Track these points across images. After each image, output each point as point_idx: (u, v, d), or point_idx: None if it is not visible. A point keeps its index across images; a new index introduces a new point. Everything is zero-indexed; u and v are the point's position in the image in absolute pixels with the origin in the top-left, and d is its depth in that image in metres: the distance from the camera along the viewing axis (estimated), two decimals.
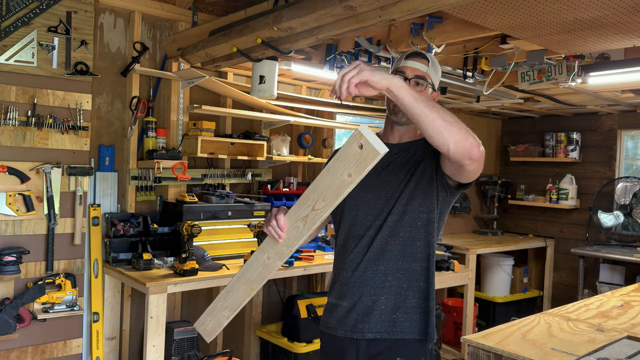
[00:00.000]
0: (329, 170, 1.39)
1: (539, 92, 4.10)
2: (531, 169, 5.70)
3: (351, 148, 1.33)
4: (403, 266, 1.71)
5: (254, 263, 1.56)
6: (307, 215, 1.44)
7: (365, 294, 1.71)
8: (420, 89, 1.72)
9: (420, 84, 1.73)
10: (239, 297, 1.62)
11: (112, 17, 3.17)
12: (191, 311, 3.59)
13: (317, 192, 1.41)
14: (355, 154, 1.33)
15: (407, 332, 1.70)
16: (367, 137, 1.30)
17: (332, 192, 1.39)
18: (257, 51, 2.73)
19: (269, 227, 1.51)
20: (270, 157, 3.67)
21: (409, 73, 1.73)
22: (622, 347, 1.89)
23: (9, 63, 2.71)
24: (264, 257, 1.55)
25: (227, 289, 1.63)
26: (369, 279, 1.71)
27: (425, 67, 1.74)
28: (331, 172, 1.38)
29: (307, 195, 1.43)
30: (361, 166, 1.33)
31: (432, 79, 1.76)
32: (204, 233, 3.05)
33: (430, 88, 1.76)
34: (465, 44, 2.97)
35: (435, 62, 1.78)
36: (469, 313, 4.44)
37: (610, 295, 2.72)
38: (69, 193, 2.94)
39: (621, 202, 4.78)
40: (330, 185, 1.38)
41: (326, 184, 1.39)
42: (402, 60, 1.77)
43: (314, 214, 1.43)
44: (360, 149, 1.32)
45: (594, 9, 2.07)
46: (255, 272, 1.57)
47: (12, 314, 2.68)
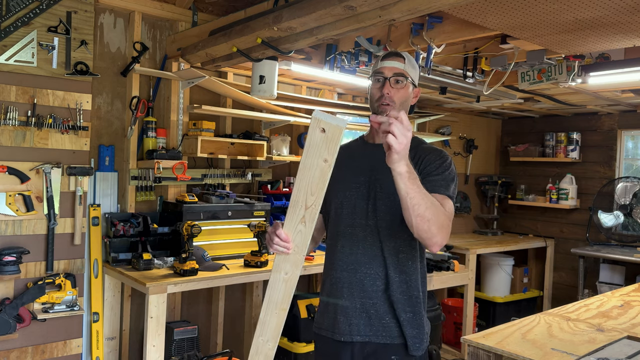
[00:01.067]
0: (304, 167, 1.40)
1: (539, 92, 4.10)
2: (531, 169, 5.70)
3: (315, 135, 1.36)
4: (395, 269, 1.71)
5: (275, 284, 1.55)
6: (304, 216, 1.45)
7: (355, 296, 1.73)
8: (400, 87, 1.74)
9: (399, 81, 1.74)
10: (276, 324, 1.60)
11: (112, 17, 3.17)
12: (191, 311, 3.59)
13: (302, 191, 1.43)
14: (322, 139, 1.36)
15: (397, 336, 1.70)
16: (325, 120, 1.34)
17: (315, 182, 1.41)
18: (257, 51, 2.73)
19: (274, 246, 1.51)
20: (270, 157, 3.67)
21: (387, 72, 1.75)
22: (622, 347, 1.89)
23: (9, 63, 2.71)
24: (282, 274, 1.54)
25: (261, 322, 1.60)
26: (358, 281, 1.72)
27: (402, 64, 1.76)
28: (307, 166, 1.40)
29: (294, 199, 1.44)
30: (332, 147, 1.37)
31: (411, 75, 1.78)
32: (204, 233, 3.05)
33: (411, 85, 1.78)
34: (465, 44, 2.97)
35: (411, 60, 1.80)
36: (469, 313, 4.44)
37: (610, 295, 2.72)
38: (69, 193, 2.94)
39: (621, 202, 4.78)
40: (312, 178, 1.41)
41: (307, 179, 1.41)
42: (378, 62, 1.80)
43: (309, 211, 1.44)
44: (324, 132, 1.35)
45: (594, 9, 2.07)
46: (280, 292, 1.55)
47: (12, 314, 2.68)
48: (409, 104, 1.80)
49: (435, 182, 1.67)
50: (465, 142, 5.61)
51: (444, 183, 1.69)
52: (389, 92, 1.73)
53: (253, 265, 3.12)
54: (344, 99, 4.50)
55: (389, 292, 1.71)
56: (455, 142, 5.50)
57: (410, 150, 1.67)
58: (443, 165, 1.72)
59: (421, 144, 1.82)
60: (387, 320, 1.71)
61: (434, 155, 1.74)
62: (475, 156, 5.70)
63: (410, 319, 1.71)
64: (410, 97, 1.80)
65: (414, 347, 1.70)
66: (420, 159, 1.72)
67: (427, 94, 4.31)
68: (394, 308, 1.71)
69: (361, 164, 1.79)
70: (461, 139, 5.56)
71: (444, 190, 1.69)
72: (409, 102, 1.80)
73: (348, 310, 1.73)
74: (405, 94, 1.77)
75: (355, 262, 1.73)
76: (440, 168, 1.71)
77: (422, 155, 1.73)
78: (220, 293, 3.68)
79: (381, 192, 1.71)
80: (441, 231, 1.57)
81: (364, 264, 1.73)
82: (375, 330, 1.71)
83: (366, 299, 1.72)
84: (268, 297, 1.56)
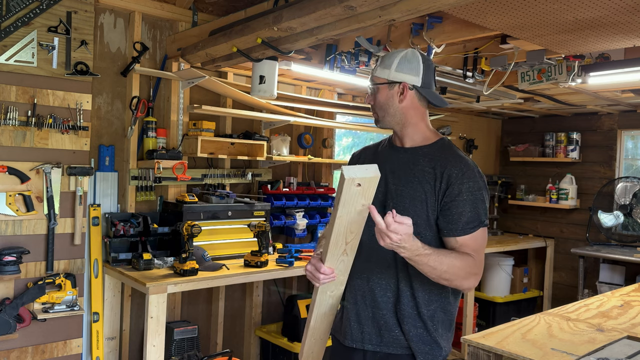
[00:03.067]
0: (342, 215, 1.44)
1: (539, 92, 4.10)
2: (531, 169, 5.70)
3: (351, 190, 1.39)
4: (406, 283, 1.67)
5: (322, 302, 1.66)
6: (345, 249, 1.54)
7: (368, 305, 1.71)
8: (375, 93, 1.76)
9: (371, 89, 1.77)
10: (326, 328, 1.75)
11: (112, 17, 3.17)
12: (191, 311, 3.59)
13: (342, 232, 1.48)
14: (359, 191, 1.40)
15: (407, 347, 1.67)
16: (359, 176, 1.37)
17: (354, 223, 1.48)
18: (257, 51, 2.73)
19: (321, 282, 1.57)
20: (270, 157, 3.67)
21: (369, 90, 1.79)
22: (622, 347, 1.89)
23: (9, 63, 2.71)
24: (328, 294, 1.65)
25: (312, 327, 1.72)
26: (370, 290, 1.70)
27: (375, 71, 1.77)
28: (345, 214, 1.43)
29: (335, 240, 1.49)
30: (368, 194, 1.42)
31: (380, 74, 1.74)
32: (204, 233, 3.05)
33: (385, 87, 1.73)
34: (465, 44, 2.97)
35: (386, 57, 1.76)
36: (469, 313, 4.44)
37: (610, 295, 2.72)
38: (69, 193, 2.94)
39: (621, 202, 4.78)
40: (351, 221, 1.46)
41: (346, 222, 1.46)
42: None
43: (350, 245, 1.53)
44: (359, 187, 1.39)
45: (594, 9, 2.07)
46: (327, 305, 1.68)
47: (12, 314, 2.68)
48: (390, 104, 1.73)
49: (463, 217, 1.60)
50: (465, 142, 5.61)
51: (473, 215, 1.61)
52: (370, 102, 1.78)
53: (253, 265, 3.12)
54: (344, 99, 4.50)
55: (398, 306, 1.67)
56: (455, 142, 5.49)
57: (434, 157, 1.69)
58: (471, 188, 1.62)
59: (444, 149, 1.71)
60: (397, 333, 1.68)
61: (458, 172, 1.62)
62: (475, 156, 5.70)
63: (421, 335, 1.66)
64: (390, 97, 1.73)
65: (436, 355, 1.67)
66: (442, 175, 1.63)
67: None
68: (402, 322, 1.66)
69: (384, 169, 1.67)
70: (461, 139, 5.56)
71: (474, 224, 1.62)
72: (390, 102, 1.73)
73: (361, 318, 1.72)
74: (381, 99, 1.75)
75: (369, 270, 1.71)
76: (468, 192, 1.61)
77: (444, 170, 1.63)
78: (220, 293, 3.68)
79: (397, 201, 1.67)
80: (468, 279, 1.60)
81: (377, 273, 1.70)
82: (385, 341, 1.69)
83: (376, 309, 1.69)
84: (316, 312, 1.67)
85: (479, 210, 1.63)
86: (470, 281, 1.60)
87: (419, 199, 1.64)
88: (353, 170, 1.37)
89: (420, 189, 1.65)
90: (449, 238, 1.63)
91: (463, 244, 1.61)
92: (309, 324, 1.69)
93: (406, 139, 1.77)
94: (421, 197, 1.64)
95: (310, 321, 1.68)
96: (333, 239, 1.48)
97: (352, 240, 1.51)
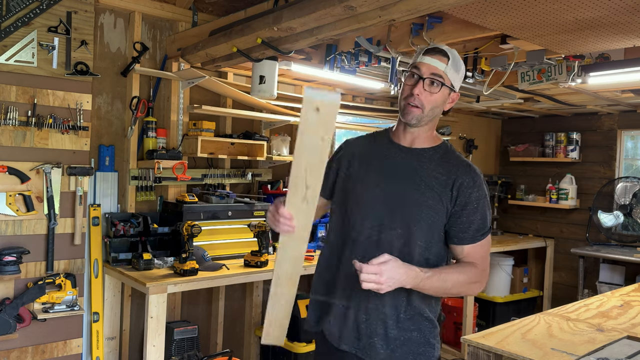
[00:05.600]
0: (301, 148, 1.36)
1: (539, 92, 4.10)
2: (531, 169, 5.70)
3: (310, 116, 1.31)
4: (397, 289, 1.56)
5: (283, 261, 1.54)
6: (305, 195, 1.44)
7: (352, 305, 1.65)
8: (434, 90, 1.61)
9: (435, 83, 1.61)
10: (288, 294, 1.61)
11: (112, 17, 3.17)
12: (191, 311, 3.59)
13: (301, 172, 1.40)
14: (317, 118, 1.31)
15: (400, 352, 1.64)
16: (318, 98, 1.29)
17: (315, 161, 1.38)
18: (257, 51, 2.73)
19: (279, 225, 1.46)
20: (270, 157, 3.67)
21: (424, 71, 1.61)
22: (622, 347, 1.89)
23: (9, 63, 2.71)
24: (289, 252, 1.54)
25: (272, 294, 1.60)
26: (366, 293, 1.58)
27: (444, 65, 1.61)
28: (304, 147, 1.35)
29: (294, 181, 1.42)
30: (328, 124, 1.33)
31: (451, 78, 1.63)
32: (204, 233, 3.04)
33: (448, 89, 1.64)
34: (465, 44, 2.96)
35: (457, 60, 1.65)
36: (469, 313, 4.44)
37: (610, 295, 2.72)
38: (69, 193, 2.94)
39: (621, 202, 4.78)
40: (311, 156, 1.37)
41: (306, 157, 1.37)
42: (420, 55, 1.65)
43: (310, 191, 1.43)
44: (318, 112, 1.30)
45: (594, 9, 2.07)
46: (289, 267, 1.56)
47: (12, 314, 2.68)
48: (440, 109, 1.66)
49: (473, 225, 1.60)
50: (465, 142, 5.61)
51: (482, 223, 1.61)
52: (419, 94, 1.60)
53: (253, 265, 3.12)
54: (344, 99, 4.50)
55: (397, 308, 1.62)
56: (455, 142, 5.50)
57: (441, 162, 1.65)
58: (480, 197, 1.61)
59: (449, 154, 1.68)
60: (391, 337, 1.62)
61: (469, 180, 1.61)
62: (475, 156, 5.70)
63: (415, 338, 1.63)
64: (444, 102, 1.65)
65: None
66: (454, 182, 1.60)
67: None
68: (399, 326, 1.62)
69: (384, 168, 1.68)
70: (461, 139, 5.56)
71: (482, 232, 1.62)
72: (441, 107, 1.66)
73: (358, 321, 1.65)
74: (437, 99, 1.63)
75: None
76: (477, 201, 1.60)
77: (457, 178, 1.61)
78: (220, 293, 3.68)
79: (401, 209, 1.61)
80: (473, 289, 1.62)
81: None
82: (378, 345, 1.62)
83: (373, 313, 1.63)
84: (277, 273, 1.56)
85: (487, 217, 1.63)
86: (476, 289, 1.63)
87: (426, 204, 1.60)
88: (314, 92, 1.29)
89: (428, 194, 1.60)
90: (456, 246, 1.62)
91: (470, 253, 1.61)
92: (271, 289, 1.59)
93: (418, 140, 1.69)
94: (429, 204, 1.59)
95: (271, 286, 1.58)
96: (292, 178, 1.41)
97: (312, 184, 1.41)
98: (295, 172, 1.40)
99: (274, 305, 1.61)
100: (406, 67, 1.73)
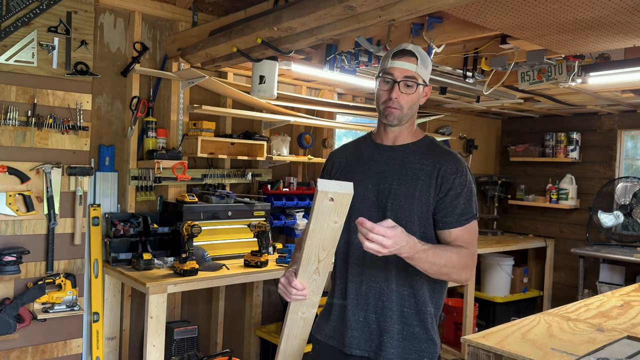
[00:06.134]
0: (314, 229, 1.44)
1: (539, 92, 4.10)
2: (531, 169, 5.70)
3: (324, 204, 1.39)
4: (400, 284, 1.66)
5: (293, 322, 1.65)
6: (318, 267, 1.53)
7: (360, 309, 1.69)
8: (410, 91, 1.66)
9: (410, 85, 1.66)
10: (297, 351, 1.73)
11: (112, 17, 3.17)
12: (191, 311, 3.59)
13: (315, 248, 1.48)
14: (330, 206, 1.40)
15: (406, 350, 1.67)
16: (332, 190, 1.37)
17: (327, 240, 1.47)
18: (257, 51, 2.73)
19: (292, 297, 1.55)
20: (270, 157, 3.67)
21: (397, 75, 1.65)
22: (622, 347, 1.89)
23: (9, 63, 2.71)
24: (299, 314, 1.64)
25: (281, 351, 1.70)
26: (364, 293, 1.68)
27: (414, 66, 1.66)
28: (317, 228, 1.44)
29: (307, 256, 1.50)
30: (341, 211, 1.42)
31: (422, 75, 1.69)
32: (204, 233, 3.04)
33: (422, 86, 1.70)
34: (465, 44, 2.97)
35: (424, 57, 1.70)
36: (469, 313, 4.44)
37: (610, 295, 2.72)
38: (69, 193, 2.94)
39: (621, 202, 4.78)
40: (323, 237, 1.46)
41: (319, 238, 1.46)
42: (388, 59, 1.68)
43: (322, 263, 1.52)
44: (332, 201, 1.39)
45: (594, 9, 2.07)
46: (299, 328, 1.67)
47: (12, 314, 2.68)
48: (417, 105, 1.74)
49: (457, 209, 1.64)
50: (465, 142, 5.61)
51: (466, 207, 1.65)
52: (397, 97, 1.66)
53: (253, 265, 3.12)
54: (344, 99, 4.50)
55: (398, 307, 1.66)
56: (455, 142, 5.50)
57: (425, 154, 1.69)
58: (463, 182, 1.65)
59: (433, 146, 1.74)
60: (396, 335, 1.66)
61: (452, 167, 1.66)
62: (475, 156, 5.70)
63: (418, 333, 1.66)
64: (419, 98, 1.72)
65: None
66: (438, 171, 1.65)
67: None
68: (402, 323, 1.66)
69: (370, 169, 1.73)
70: (461, 139, 5.56)
71: (467, 216, 1.65)
72: (418, 104, 1.73)
73: (360, 323, 1.69)
74: (414, 98, 1.69)
75: (363, 274, 1.69)
76: (461, 186, 1.65)
77: (440, 166, 1.66)
78: (220, 293, 3.68)
79: (392, 199, 1.66)
80: (465, 271, 1.62)
81: (371, 276, 1.68)
82: (386, 344, 1.66)
83: (376, 313, 1.67)
84: (287, 333, 1.66)
85: (472, 202, 1.67)
86: (467, 273, 1.63)
87: (413, 196, 1.65)
88: (327, 184, 1.38)
89: (414, 186, 1.65)
90: (443, 231, 1.66)
91: (457, 236, 1.64)
92: (280, 345, 1.69)
93: (400, 137, 1.74)
94: (416, 194, 1.65)
95: (281, 343, 1.68)
96: (305, 254, 1.49)
97: (324, 258, 1.50)
98: (308, 249, 1.48)
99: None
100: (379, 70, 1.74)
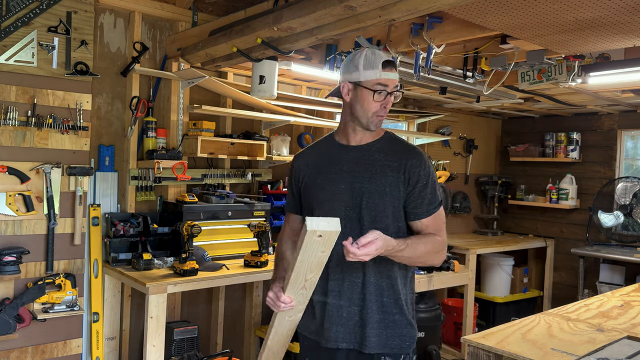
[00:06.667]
0: (303, 259, 1.53)
1: (539, 92, 4.10)
2: (531, 169, 5.70)
3: (312, 240, 1.48)
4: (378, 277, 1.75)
5: (281, 322, 1.75)
6: (305, 285, 1.65)
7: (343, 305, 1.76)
8: (396, 98, 1.78)
9: (396, 93, 1.78)
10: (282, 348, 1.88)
11: (112, 17, 3.17)
12: (191, 311, 3.59)
13: (303, 271, 1.59)
14: (319, 241, 1.48)
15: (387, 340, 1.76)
16: (321, 229, 1.45)
17: (314, 265, 1.58)
18: (257, 51, 2.73)
19: (280, 309, 1.67)
20: (270, 157, 3.67)
21: (390, 86, 1.75)
22: (622, 347, 1.89)
23: (9, 63, 2.71)
24: (286, 317, 1.74)
25: (268, 347, 1.83)
26: (346, 289, 1.76)
27: (397, 74, 1.78)
28: (305, 258, 1.53)
29: (295, 276, 1.60)
30: (328, 244, 1.51)
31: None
32: (204, 233, 3.04)
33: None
34: (465, 44, 2.97)
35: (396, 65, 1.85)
36: (469, 313, 4.44)
37: (610, 295, 2.72)
38: (69, 193, 2.94)
39: (621, 202, 4.78)
40: (311, 263, 1.56)
41: (307, 264, 1.56)
42: (380, 72, 1.73)
43: (309, 282, 1.64)
44: (320, 237, 1.47)
45: (594, 9, 2.07)
46: (285, 327, 1.79)
47: (12, 314, 2.68)
48: None
49: (425, 199, 1.75)
50: (465, 142, 5.61)
51: (432, 197, 1.77)
52: (385, 107, 1.76)
53: (253, 265, 3.12)
54: None
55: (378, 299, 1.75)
56: (455, 142, 5.50)
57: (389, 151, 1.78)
58: (427, 174, 1.76)
59: (395, 142, 1.83)
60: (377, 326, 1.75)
61: (416, 161, 1.75)
62: (475, 156, 5.70)
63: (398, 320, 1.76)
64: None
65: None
66: (405, 166, 1.74)
67: (427, 94, 4.31)
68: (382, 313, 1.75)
69: (342, 170, 1.79)
70: (461, 139, 5.56)
71: (435, 205, 1.77)
72: None
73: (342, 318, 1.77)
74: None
75: (342, 270, 1.76)
76: (426, 178, 1.75)
77: (406, 162, 1.75)
78: (220, 293, 3.68)
79: (366, 198, 1.73)
80: (438, 257, 1.76)
81: (350, 271, 1.75)
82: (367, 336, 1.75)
83: (352, 307, 1.75)
84: (275, 331, 1.77)
85: (436, 191, 1.79)
86: (440, 257, 1.77)
87: (384, 192, 1.73)
88: (316, 222, 1.46)
89: (384, 182, 1.74)
90: (415, 222, 1.77)
91: (428, 225, 1.76)
92: (267, 342, 1.81)
93: (365, 137, 1.82)
94: (387, 190, 1.73)
95: (268, 340, 1.80)
96: (294, 276, 1.59)
97: (311, 277, 1.62)
98: (297, 272, 1.58)
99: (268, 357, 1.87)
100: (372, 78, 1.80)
